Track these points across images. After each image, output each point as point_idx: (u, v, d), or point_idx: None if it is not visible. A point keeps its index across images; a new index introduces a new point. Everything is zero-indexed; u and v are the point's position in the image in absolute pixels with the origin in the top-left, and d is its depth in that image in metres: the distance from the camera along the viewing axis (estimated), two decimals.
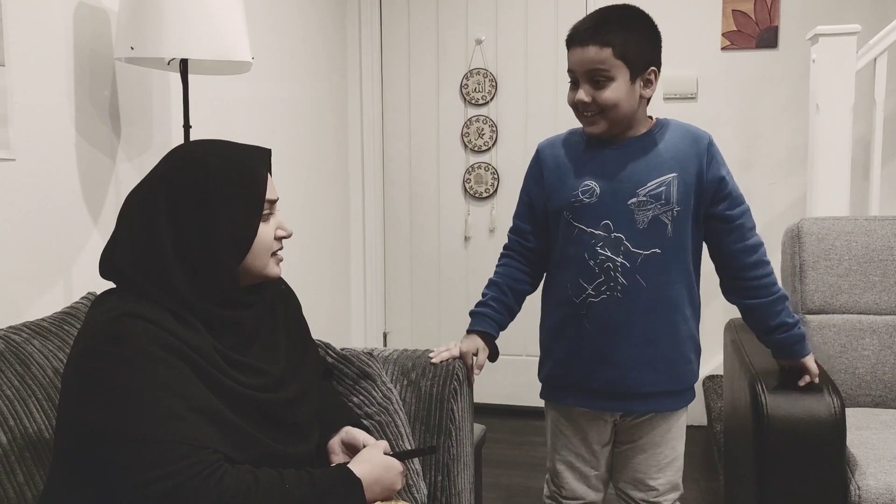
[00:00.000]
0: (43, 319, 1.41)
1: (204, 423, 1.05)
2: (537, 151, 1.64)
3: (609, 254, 1.51)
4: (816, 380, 1.63)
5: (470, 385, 1.65)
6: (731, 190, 1.54)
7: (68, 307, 1.49)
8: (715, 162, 1.53)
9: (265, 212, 1.18)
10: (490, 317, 1.63)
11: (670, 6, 3.17)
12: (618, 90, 1.46)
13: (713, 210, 1.53)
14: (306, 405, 1.27)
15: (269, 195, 1.18)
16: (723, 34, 3.20)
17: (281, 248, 1.24)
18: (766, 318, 1.58)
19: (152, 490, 0.99)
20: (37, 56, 1.66)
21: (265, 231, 1.19)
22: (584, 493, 1.66)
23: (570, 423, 1.65)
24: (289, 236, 1.24)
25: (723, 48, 3.20)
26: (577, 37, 1.48)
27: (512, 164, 3.45)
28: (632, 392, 1.55)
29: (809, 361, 1.62)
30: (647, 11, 1.52)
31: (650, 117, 1.58)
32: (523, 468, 2.86)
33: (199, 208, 1.11)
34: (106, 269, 1.14)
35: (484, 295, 1.67)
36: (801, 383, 1.63)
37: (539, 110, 3.42)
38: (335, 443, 1.34)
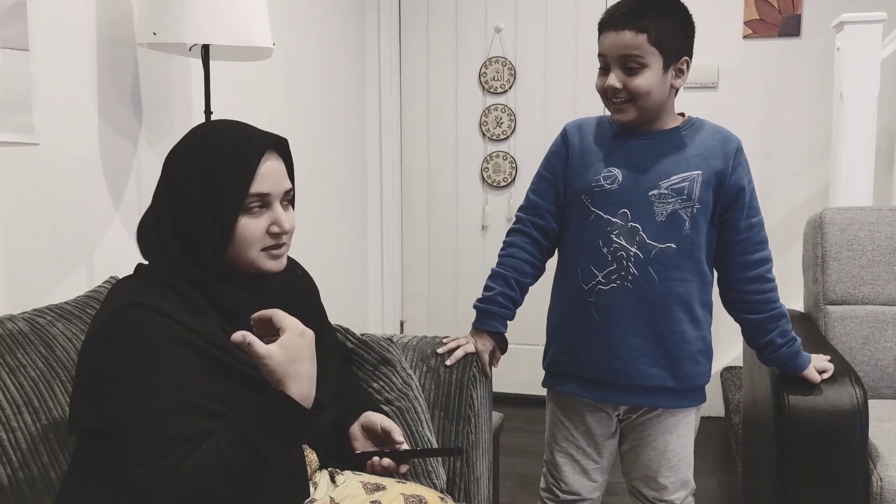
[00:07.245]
0: (66, 302, 1.43)
1: (203, 416, 1.04)
2: (564, 130, 1.61)
3: (623, 243, 1.49)
4: (818, 379, 1.62)
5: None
6: (747, 202, 1.51)
7: (91, 291, 1.50)
8: (741, 168, 1.51)
9: (252, 205, 1.12)
10: (500, 315, 1.61)
11: None
12: (650, 78, 1.44)
13: (724, 216, 1.52)
14: (321, 388, 1.27)
15: (259, 188, 1.11)
16: (745, 22, 3.16)
17: (279, 245, 1.16)
18: (756, 334, 1.57)
19: (141, 485, 0.99)
20: (60, 41, 1.67)
21: (251, 225, 1.12)
22: (582, 488, 1.64)
23: (572, 413, 1.63)
24: (284, 233, 1.16)
25: (745, 36, 3.17)
26: (612, 21, 1.45)
27: (530, 153, 3.43)
28: (634, 384, 1.53)
29: (809, 373, 1.61)
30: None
31: (681, 114, 1.56)
32: (540, 456, 2.83)
33: (187, 188, 1.12)
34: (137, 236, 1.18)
35: (490, 289, 1.62)
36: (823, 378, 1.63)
37: (558, 99, 3.40)
38: (356, 428, 1.35)
